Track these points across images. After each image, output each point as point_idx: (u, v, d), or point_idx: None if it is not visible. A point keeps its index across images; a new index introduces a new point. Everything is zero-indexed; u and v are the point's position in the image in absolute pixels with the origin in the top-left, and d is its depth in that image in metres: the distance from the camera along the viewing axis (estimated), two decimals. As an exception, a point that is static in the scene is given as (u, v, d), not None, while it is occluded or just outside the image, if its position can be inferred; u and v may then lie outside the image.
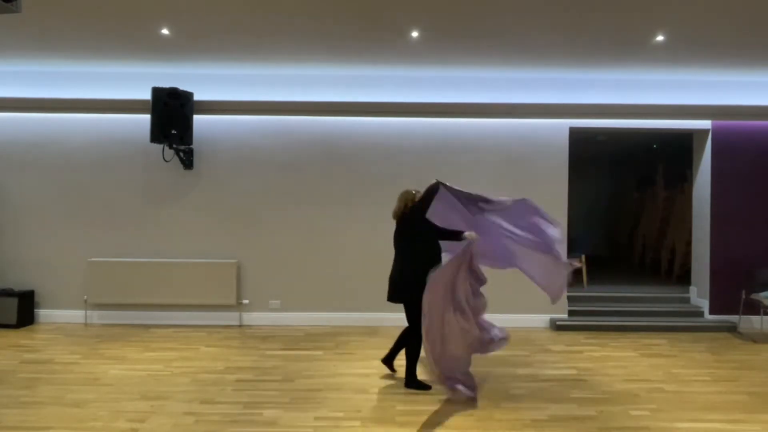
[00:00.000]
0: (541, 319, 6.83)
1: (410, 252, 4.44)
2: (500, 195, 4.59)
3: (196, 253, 6.76)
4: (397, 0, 4.66)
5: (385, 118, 6.77)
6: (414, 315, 4.37)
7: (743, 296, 6.53)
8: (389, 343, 5.88)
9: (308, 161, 6.82)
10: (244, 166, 6.80)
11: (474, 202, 4.49)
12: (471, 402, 4.17)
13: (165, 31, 5.38)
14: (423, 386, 4.49)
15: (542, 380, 4.76)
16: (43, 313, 6.79)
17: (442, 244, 4.46)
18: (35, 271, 6.79)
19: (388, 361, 4.86)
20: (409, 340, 4.53)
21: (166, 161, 6.61)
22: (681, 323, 6.71)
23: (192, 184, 6.82)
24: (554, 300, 4.60)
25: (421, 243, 4.40)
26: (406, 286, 4.38)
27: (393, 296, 4.53)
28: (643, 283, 8.42)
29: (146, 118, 6.30)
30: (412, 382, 4.51)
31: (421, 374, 4.64)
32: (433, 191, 4.42)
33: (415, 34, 5.38)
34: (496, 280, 6.78)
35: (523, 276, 4.66)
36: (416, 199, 4.51)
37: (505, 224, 4.46)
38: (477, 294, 4.41)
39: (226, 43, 5.73)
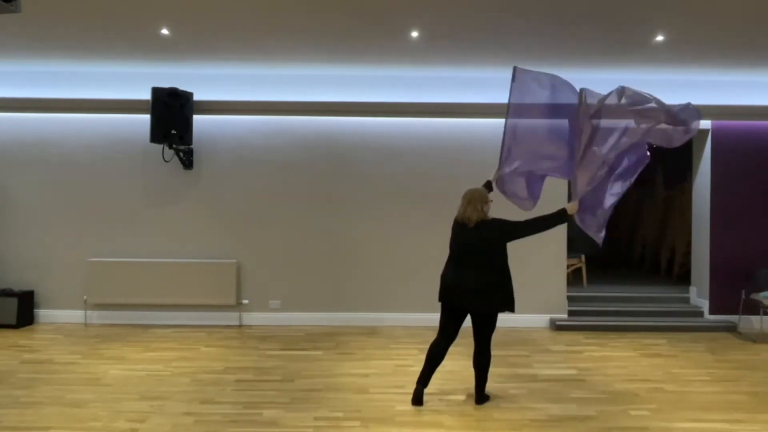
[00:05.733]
0: (541, 319, 6.82)
1: (496, 260, 4.05)
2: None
3: (196, 253, 6.76)
4: (397, 0, 4.67)
5: (385, 118, 6.77)
6: (490, 328, 4.13)
7: (743, 296, 6.53)
8: (389, 343, 5.92)
9: (308, 161, 6.82)
10: (244, 166, 6.80)
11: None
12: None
13: (165, 31, 5.38)
14: (487, 398, 4.29)
15: (542, 380, 4.76)
16: (42, 313, 6.79)
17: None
18: (35, 271, 6.79)
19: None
20: (484, 358, 4.18)
21: (166, 161, 6.61)
22: (681, 323, 6.71)
23: (192, 184, 6.82)
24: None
25: (505, 251, 4.10)
26: (493, 296, 4.02)
27: (475, 305, 4.04)
28: (643, 283, 8.42)
29: (146, 118, 6.30)
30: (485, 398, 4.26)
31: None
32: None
33: (415, 34, 5.38)
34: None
35: (522, 276, 4.60)
36: (487, 200, 4.17)
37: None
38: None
39: (226, 43, 5.73)
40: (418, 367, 4.63)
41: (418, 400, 4.14)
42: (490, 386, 4.51)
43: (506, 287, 4.07)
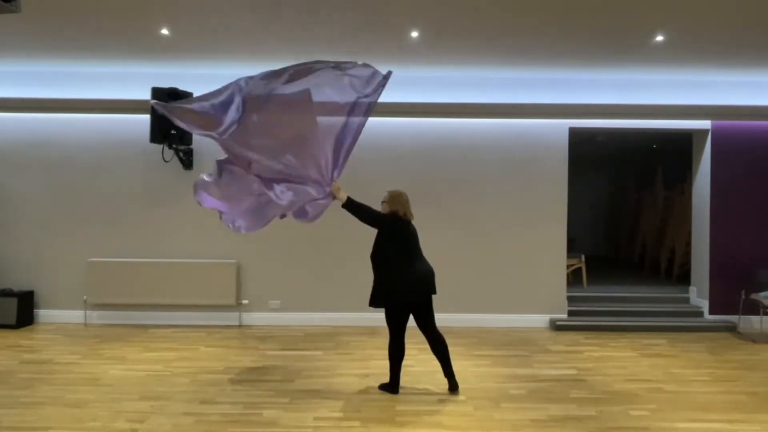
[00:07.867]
0: (541, 319, 6.82)
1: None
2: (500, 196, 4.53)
3: (196, 253, 6.75)
4: (397, 0, 4.67)
5: (385, 118, 6.76)
6: (433, 311, 4.52)
7: (743, 296, 6.53)
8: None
9: (308, 161, 6.81)
10: (244, 166, 6.79)
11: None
12: None
13: (165, 31, 5.38)
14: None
15: (542, 380, 4.76)
16: (42, 314, 6.79)
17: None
18: (35, 271, 6.79)
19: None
20: (439, 341, 4.48)
21: (166, 161, 6.61)
22: (681, 323, 6.71)
23: (192, 184, 6.80)
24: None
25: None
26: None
27: (413, 297, 4.45)
28: (643, 283, 8.42)
29: (146, 118, 6.29)
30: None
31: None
32: None
33: (415, 34, 5.38)
34: (496, 280, 6.77)
35: (522, 276, 4.61)
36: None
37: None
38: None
39: (226, 43, 5.73)
40: (418, 367, 4.64)
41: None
42: (491, 386, 4.53)
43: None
